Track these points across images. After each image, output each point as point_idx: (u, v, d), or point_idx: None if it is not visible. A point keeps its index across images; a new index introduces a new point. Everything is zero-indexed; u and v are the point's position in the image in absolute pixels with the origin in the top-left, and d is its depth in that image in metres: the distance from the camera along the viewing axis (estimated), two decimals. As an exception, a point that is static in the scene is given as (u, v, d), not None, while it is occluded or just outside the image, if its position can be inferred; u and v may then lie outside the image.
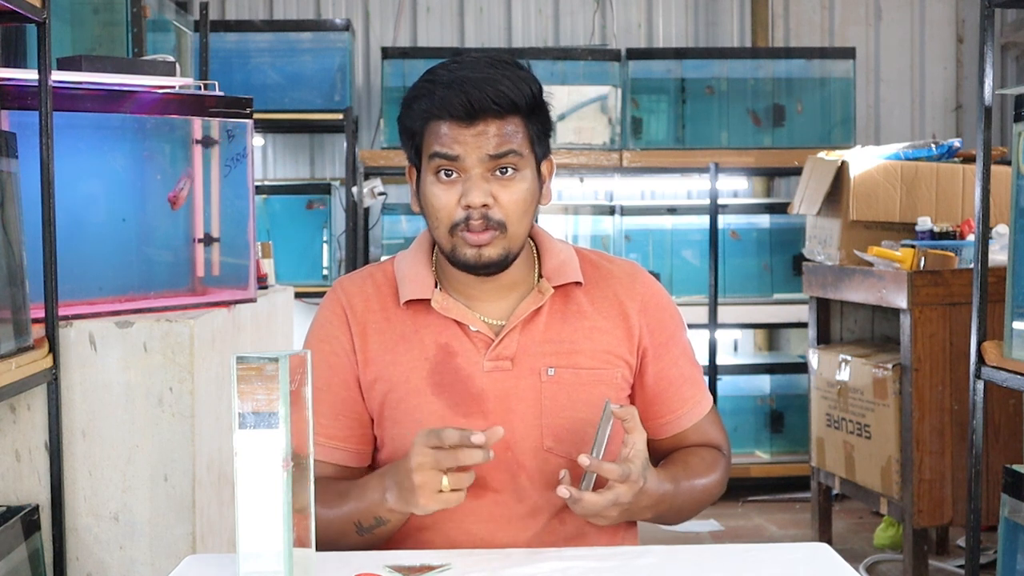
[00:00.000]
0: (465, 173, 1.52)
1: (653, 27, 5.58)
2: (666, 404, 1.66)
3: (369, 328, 1.61)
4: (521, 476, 1.57)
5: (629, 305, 1.64)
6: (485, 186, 1.51)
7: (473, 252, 1.53)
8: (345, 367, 1.61)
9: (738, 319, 4.96)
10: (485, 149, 1.51)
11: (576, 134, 4.89)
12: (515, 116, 1.53)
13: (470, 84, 1.50)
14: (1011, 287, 2.44)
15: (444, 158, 1.52)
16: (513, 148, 1.52)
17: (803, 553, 1.51)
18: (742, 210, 5.08)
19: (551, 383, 1.58)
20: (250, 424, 1.24)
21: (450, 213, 1.53)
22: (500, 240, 1.53)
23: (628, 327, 1.63)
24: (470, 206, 1.51)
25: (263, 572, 1.26)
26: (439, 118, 1.52)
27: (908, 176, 3.73)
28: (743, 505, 4.69)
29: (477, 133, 1.51)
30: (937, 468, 3.37)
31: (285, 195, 4.87)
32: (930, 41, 5.63)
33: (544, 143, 1.59)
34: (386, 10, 5.49)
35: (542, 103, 1.57)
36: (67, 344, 2.08)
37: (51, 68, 2.03)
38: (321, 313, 1.66)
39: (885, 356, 3.59)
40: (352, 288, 1.65)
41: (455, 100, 1.49)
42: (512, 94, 1.51)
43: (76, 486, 2.10)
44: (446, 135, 1.51)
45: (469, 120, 1.50)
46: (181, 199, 2.28)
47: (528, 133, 1.55)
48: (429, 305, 1.60)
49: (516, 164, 1.53)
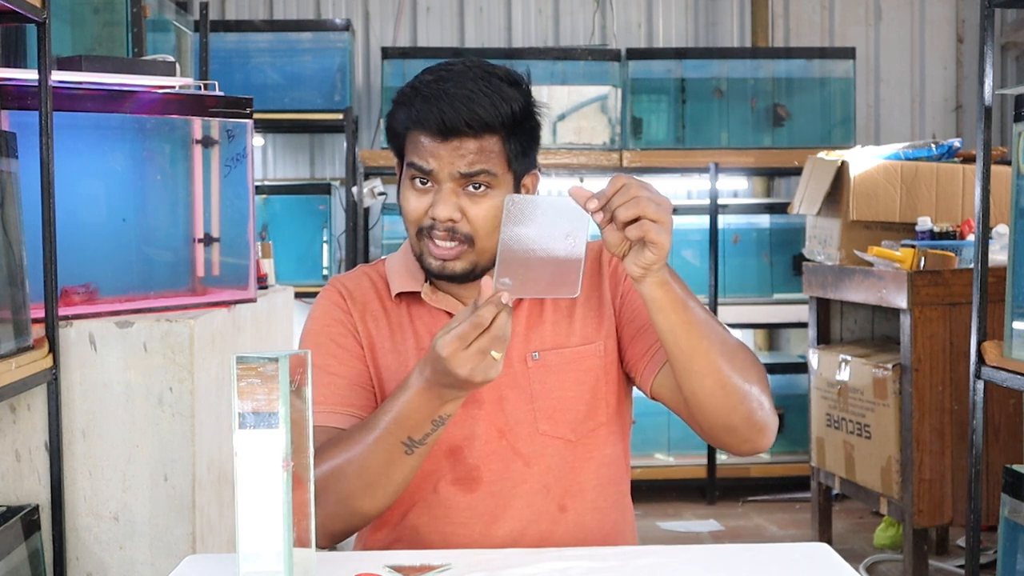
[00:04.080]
0: (437, 185, 1.53)
1: (653, 27, 5.58)
2: (652, 333, 1.58)
3: (367, 317, 1.64)
4: (518, 462, 1.58)
5: (599, 276, 1.66)
6: (454, 200, 1.52)
7: (437, 264, 1.56)
8: (353, 344, 1.63)
9: (738, 319, 4.96)
10: (457, 166, 1.51)
11: (576, 134, 4.89)
12: (491, 136, 1.52)
13: (447, 101, 1.49)
14: (1011, 287, 2.44)
15: (418, 169, 1.53)
16: (485, 168, 1.51)
17: (803, 553, 1.51)
18: (742, 210, 5.08)
19: (538, 367, 1.60)
20: (250, 424, 1.24)
21: (418, 219, 1.55)
22: (467, 254, 1.54)
23: (600, 295, 1.65)
24: (435, 218, 1.53)
25: (263, 572, 1.26)
26: (417, 129, 1.53)
27: (908, 176, 3.73)
28: (743, 505, 4.69)
29: (451, 149, 1.51)
30: (937, 468, 3.37)
31: (285, 195, 4.87)
32: (930, 41, 5.63)
33: (526, 159, 1.57)
34: (386, 10, 5.49)
35: (526, 119, 1.55)
36: (67, 344, 2.08)
37: (51, 68, 2.03)
38: (320, 303, 1.67)
39: (885, 356, 3.59)
40: (349, 284, 1.68)
41: (430, 116, 1.50)
42: (487, 116, 1.50)
43: (76, 486, 2.10)
44: (423, 147, 1.52)
45: (444, 137, 1.51)
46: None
47: (505, 152, 1.53)
48: (420, 298, 1.63)
49: (489, 182, 1.53)
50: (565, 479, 1.60)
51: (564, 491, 1.60)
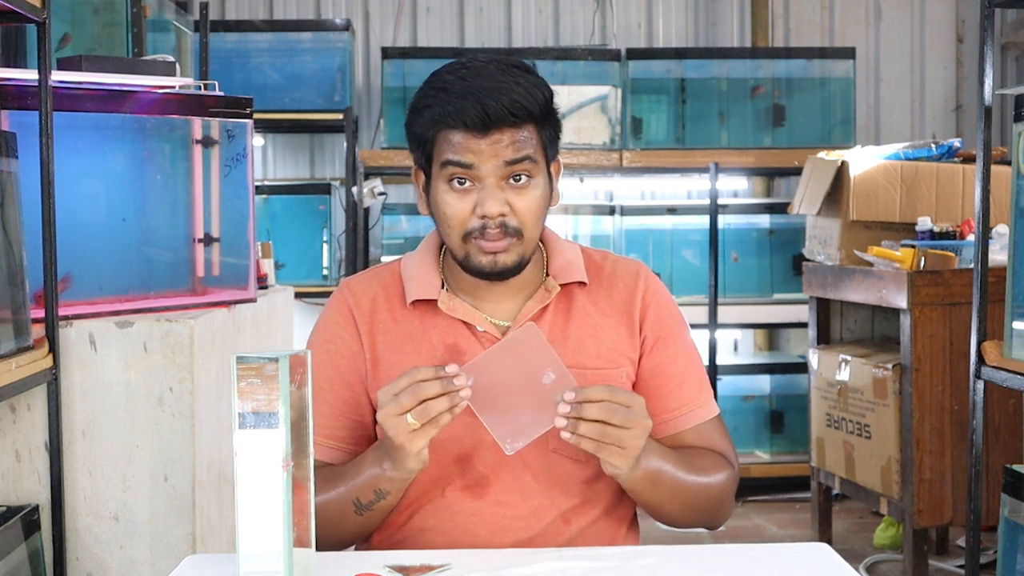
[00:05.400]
0: (480, 182, 1.51)
1: (653, 27, 5.58)
2: (662, 401, 1.63)
3: (376, 328, 1.61)
4: (526, 476, 1.57)
5: (632, 303, 1.64)
6: (500, 195, 1.51)
7: (488, 260, 1.53)
8: (348, 368, 1.61)
9: (738, 319, 4.96)
10: (501, 157, 1.50)
11: (576, 134, 4.89)
12: (529, 123, 1.52)
13: (485, 94, 1.48)
14: (1011, 287, 2.44)
15: (458, 166, 1.50)
16: (528, 155, 1.51)
17: (803, 553, 1.51)
18: (742, 210, 5.08)
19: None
20: (250, 424, 1.24)
21: (463, 221, 1.52)
22: (516, 247, 1.53)
23: (631, 324, 1.63)
24: (486, 216, 1.50)
25: (263, 572, 1.26)
26: (452, 127, 1.50)
27: (908, 176, 3.73)
28: (743, 505, 4.69)
29: (492, 142, 1.49)
30: (937, 468, 3.37)
31: (285, 195, 4.87)
32: (930, 41, 5.63)
33: (554, 146, 1.59)
34: (386, 10, 5.49)
35: (553, 107, 1.57)
36: (67, 344, 2.08)
37: (51, 68, 2.03)
38: (326, 314, 1.65)
39: (885, 356, 3.59)
40: (359, 289, 1.65)
41: (470, 110, 1.48)
42: (527, 103, 1.50)
43: (76, 486, 2.10)
44: (459, 144, 1.50)
45: (484, 130, 1.49)
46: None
47: (541, 139, 1.54)
48: (436, 306, 1.60)
49: (530, 171, 1.52)
50: (573, 497, 1.59)
51: (571, 508, 1.59)
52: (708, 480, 1.59)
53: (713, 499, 1.61)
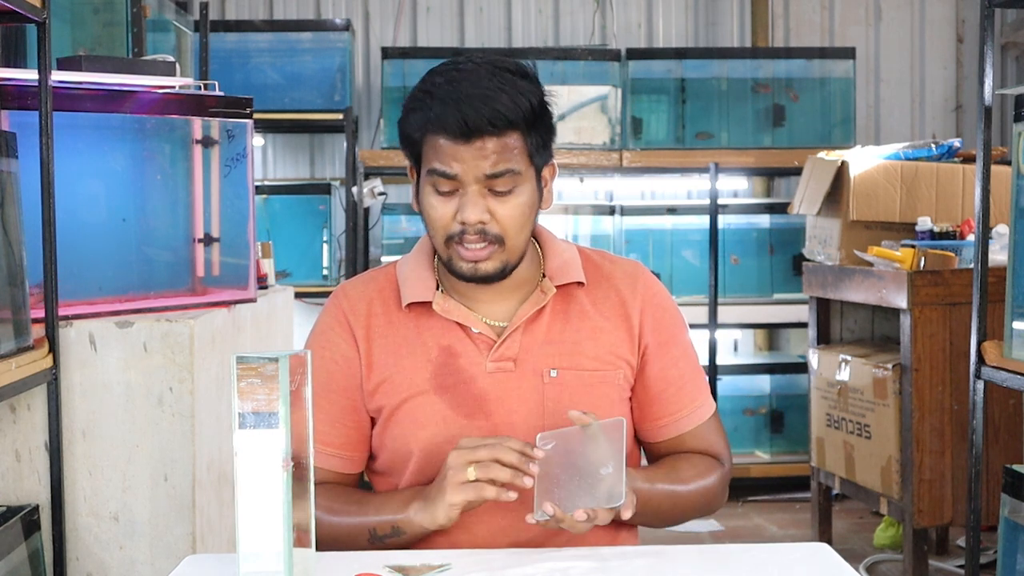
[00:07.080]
0: (463, 187, 1.51)
1: (653, 27, 5.58)
2: (664, 406, 1.64)
3: (372, 332, 1.61)
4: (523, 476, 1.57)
5: (631, 305, 1.64)
6: (481, 202, 1.50)
7: (469, 267, 1.53)
8: (344, 374, 1.61)
9: (738, 319, 4.96)
10: (482, 168, 1.49)
11: (576, 134, 4.89)
12: (513, 132, 1.50)
13: (467, 102, 1.46)
14: (1011, 287, 2.44)
15: (441, 175, 1.50)
16: (510, 167, 1.50)
17: (803, 553, 1.51)
18: (742, 210, 5.08)
19: (554, 385, 1.57)
20: (250, 424, 1.24)
21: (446, 225, 1.53)
22: (498, 254, 1.53)
23: (629, 327, 1.63)
24: (465, 222, 1.51)
25: (263, 572, 1.26)
26: (435, 132, 1.50)
27: (908, 176, 3.73)
28: (743, 505, 4.69)
29: (475, 149, 1.48)
30: (937, 468, 3.37)
31: (285, 195, 4.87)
32: (930, 41, 5.63)
33: (545, 152, 1.56)
34: (386, 10, 5.49)
35: (543, 113, 1.54)
36: (67, 344, 2.08)
37: (51, 68, 2.03)
38: (322, 319, 1.65)
39: (885, 356, 3.59)
40: (354, 293, 1.65)
41: (451, 118, 1.47)
42: (509, 112, 1.48)
43: (76, 486, 2.10)
44: (444, 151, 1.49)
45: (466, 138, 1.48)
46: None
47: (527, 146, 1.52)
48: (431, 308, 1.60)
49: (514, 181, 1.51)
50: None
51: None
52: (690, 488, 1.62)
53: (702, 506, 1.66)
